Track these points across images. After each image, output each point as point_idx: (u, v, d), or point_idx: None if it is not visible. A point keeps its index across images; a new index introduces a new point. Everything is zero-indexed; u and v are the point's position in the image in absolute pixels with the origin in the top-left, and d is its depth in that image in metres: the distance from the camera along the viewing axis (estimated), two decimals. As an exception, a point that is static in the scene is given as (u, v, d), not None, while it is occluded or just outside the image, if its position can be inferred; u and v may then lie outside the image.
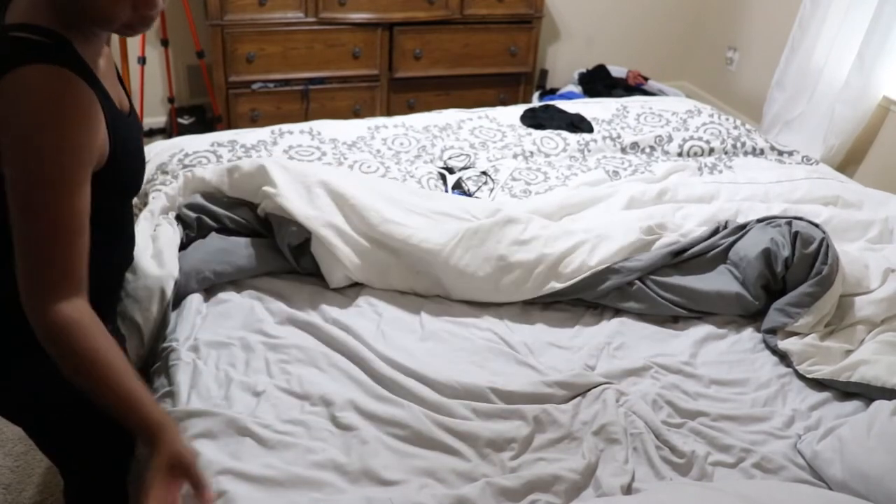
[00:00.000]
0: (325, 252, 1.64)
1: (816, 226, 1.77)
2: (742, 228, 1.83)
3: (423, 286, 1.70)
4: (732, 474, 1.32)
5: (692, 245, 1.80)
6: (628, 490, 1.25)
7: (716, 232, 1.85)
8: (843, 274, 1.69)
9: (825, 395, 1.53)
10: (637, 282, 1.71)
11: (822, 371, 1.54)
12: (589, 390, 1.45)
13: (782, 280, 1.72)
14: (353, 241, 1.67)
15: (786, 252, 1.69)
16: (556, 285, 1.68)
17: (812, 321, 1.63)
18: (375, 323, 1.59)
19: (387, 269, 1.69)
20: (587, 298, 1.71)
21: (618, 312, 1.71)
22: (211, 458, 1.21)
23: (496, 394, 1.41)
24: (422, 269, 1.69)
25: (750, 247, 1.74)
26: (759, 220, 1.84)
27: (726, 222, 1.89)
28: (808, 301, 1.64)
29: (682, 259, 1.78)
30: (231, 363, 1.43)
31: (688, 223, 1.91)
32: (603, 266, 1.69)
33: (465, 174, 2.13)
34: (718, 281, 1.74)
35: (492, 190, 2.08)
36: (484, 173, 2.15)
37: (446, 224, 1.73)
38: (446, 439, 1.31)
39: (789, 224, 1.76)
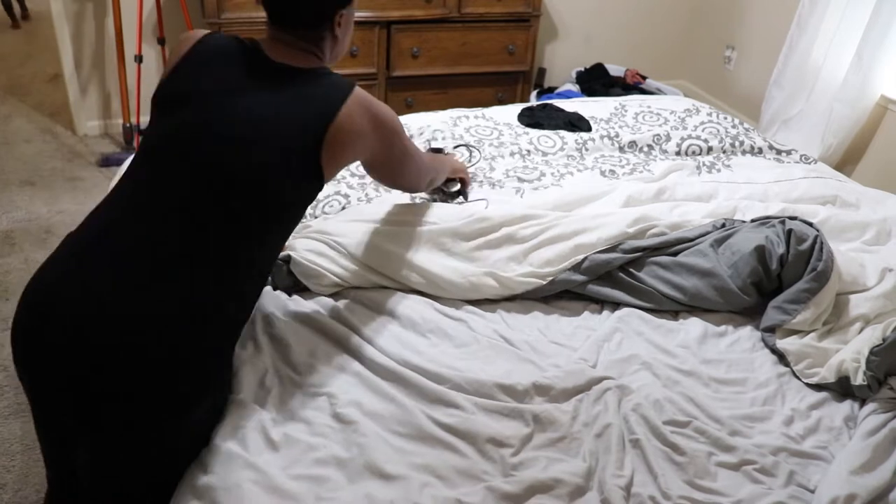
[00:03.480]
0: (306, 270, 1.62)
1: (810, 224, 1.77)
2: (734, 227, 1.83)
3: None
4: (735, 475, 1.32)
5: (679, 241, 1.80)
6: (628, 492, 1.25)
7: (711, 230, 1.84)
8: (839, 271, 1.69)
9: (823, 394, 1.53)
10: (622, 274, 1.73)
11: (816, 377, 1.55)
12: (590, 388, 1.45)
13: (777, 278, 1.71)
14: (336, 261, 1.65)
15: (780, 249, 1.69)
16: (533, 269, 1.71)
17: (810, 317, 1.63)
18: (376, 317, 1.58)
19: (379, 280, 1.69)
20: (565, 288, 1.73)
21: (616, 308, 1.71)
22: (219, 444, 1.23)
23: (497, 390, 1.41)
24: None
25: (744, 242, 1.74)
26: (753, 221, 1.84)
27: (723, 221, 1.88)
28: (805, 297, 1.64)
29: (670, 252, 1.78)
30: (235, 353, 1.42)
31: (685, 221, 1.90)
32: (581, 256, 1.72)
33: (447, 147, 2.17)
34: (705, 274, 1.73)
35: (476, 163, 2.13)
36: (465, 146, 2.16)
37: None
38: (446, 436, 1.31)
39: (783, 223, 1.76)
